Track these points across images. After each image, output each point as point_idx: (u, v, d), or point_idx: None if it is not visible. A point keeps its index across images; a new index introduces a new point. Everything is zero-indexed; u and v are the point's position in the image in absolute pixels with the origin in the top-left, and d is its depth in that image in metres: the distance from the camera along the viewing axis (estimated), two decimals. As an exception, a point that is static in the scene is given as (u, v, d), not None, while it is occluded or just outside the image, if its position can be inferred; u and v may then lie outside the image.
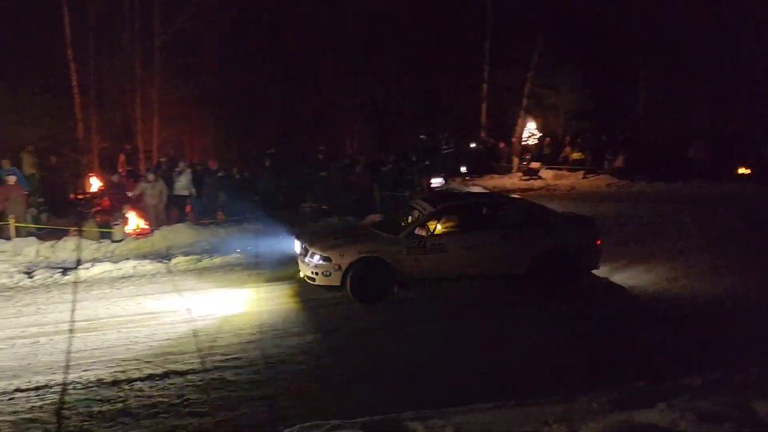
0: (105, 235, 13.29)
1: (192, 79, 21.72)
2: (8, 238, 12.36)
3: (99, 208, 14.70)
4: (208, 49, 21.41)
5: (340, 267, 8.31)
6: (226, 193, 15.12)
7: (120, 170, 17.41)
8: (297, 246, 9.28)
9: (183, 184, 14.89)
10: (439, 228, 8.74)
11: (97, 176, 16.02)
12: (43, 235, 13.09)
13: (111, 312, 8.44)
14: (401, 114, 28.27)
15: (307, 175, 16.83)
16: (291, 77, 25.55)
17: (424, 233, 8.59)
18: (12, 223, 12.45)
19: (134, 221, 14.01)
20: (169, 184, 14.75)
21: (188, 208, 15.15)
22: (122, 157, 18.93)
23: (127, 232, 13.55)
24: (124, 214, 13.87)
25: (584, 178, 21.57)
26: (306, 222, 14.63)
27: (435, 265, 8.53)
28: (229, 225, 14.12)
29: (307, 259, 8.63)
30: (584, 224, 9.20)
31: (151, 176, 14.49)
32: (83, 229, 13.18)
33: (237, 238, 12.89)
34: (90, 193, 15.25)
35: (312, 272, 8.51)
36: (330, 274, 8.36)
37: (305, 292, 8.95)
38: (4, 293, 9.74)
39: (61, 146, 18.21)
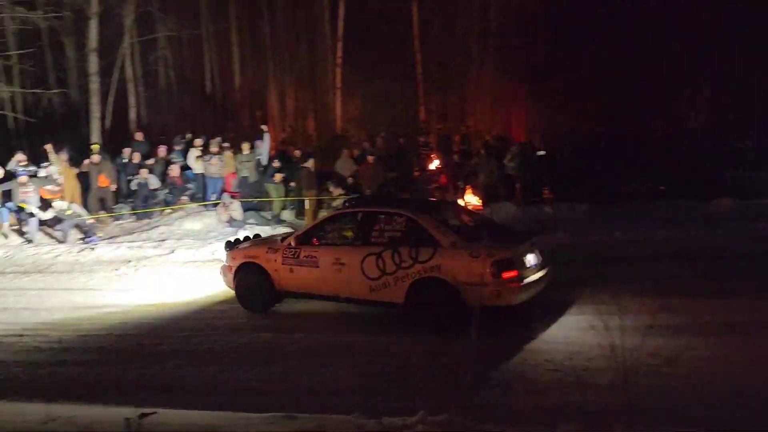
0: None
1: (523, 55, 22.04)
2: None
3: (437, 185, 16.00)
4: (537, 25, 21.42)
5: (231, 269, 8.22)
6: (548, 172, 15.06)
7: (455, 150, 18.70)
8: None
9: (512, 165, 15.35)
10: (323, 239, 7.82)
11: (436, 155, 17.41)
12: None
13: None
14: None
15: (632, 154, 15.71)
16: (624, 48, 23.90)
17: (294, 243, 7.81)
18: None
19: (468, 197, 14.96)
20: (500, 162, 15.31)
21: (518, 187, 15.54)
22: (457, 137, 20.28)
23: (461, 207, 14.54)
24: (459, 190, 14.90)
25: None
26: (633, 203, 13.78)
27: (307, 280, 7.70)
28: (557, 204, 14.04)
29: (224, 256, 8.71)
30: (487, 249, 6.74)
31: (482, 152, 15.25)
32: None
33: (565, 218, 12.75)
34: (430, 170, 16.66)
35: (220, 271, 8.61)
36: (225, 276, 8.35)
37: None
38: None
39: (406, 128, 20.33)
